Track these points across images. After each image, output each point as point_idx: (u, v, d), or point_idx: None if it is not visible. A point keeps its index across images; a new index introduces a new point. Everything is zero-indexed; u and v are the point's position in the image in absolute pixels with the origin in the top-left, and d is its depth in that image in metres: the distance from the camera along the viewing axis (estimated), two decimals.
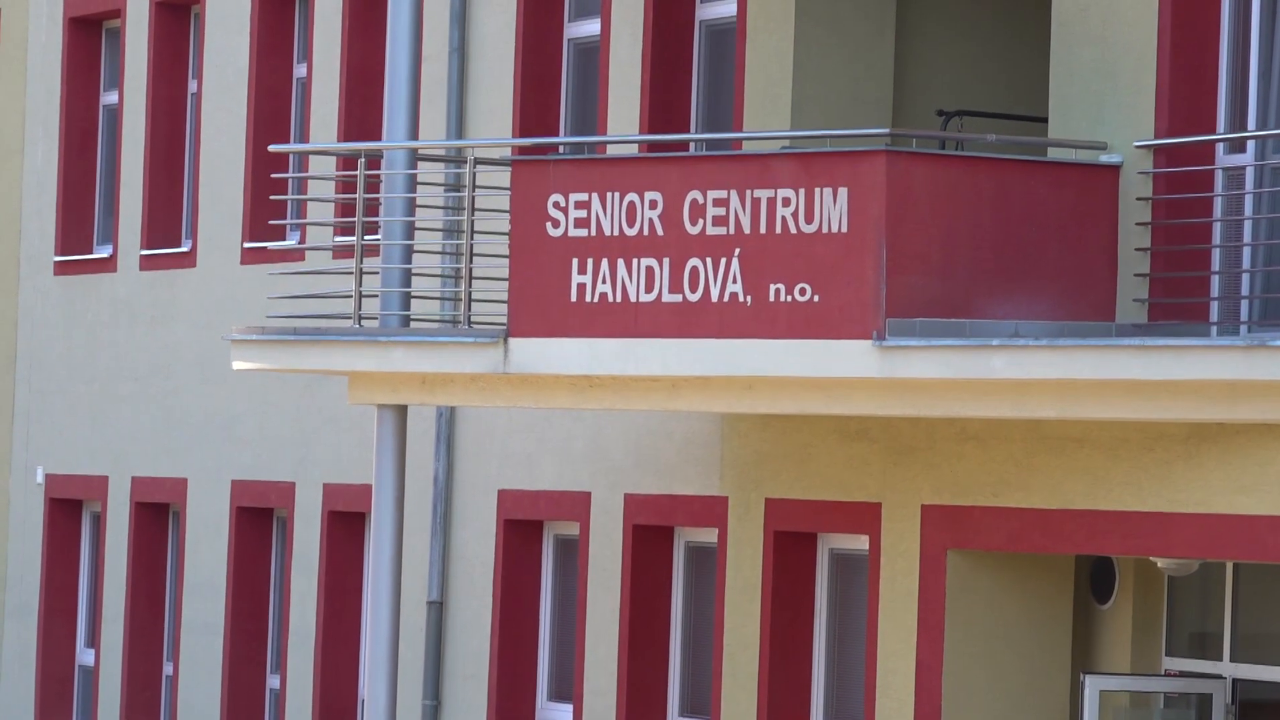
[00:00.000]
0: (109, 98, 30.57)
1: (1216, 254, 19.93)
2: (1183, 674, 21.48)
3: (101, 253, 30.40)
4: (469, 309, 22.52)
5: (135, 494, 29.70)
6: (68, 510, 31.01)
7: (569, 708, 24.98)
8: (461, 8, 25.87)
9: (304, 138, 27.55)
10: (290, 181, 25.58)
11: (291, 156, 25.37)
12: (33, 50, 31.43)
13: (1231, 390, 19.09)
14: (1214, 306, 19.95)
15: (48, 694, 30.90)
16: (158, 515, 29.63)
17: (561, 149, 23.58)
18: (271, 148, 26.74)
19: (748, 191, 20.40)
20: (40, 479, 31.01)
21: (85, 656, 30.83)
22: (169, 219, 29.48)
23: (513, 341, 21.51)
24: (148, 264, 29.54)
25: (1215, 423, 19.54)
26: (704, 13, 24.30)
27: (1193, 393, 19.28)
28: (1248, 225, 19.84)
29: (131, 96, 29.88)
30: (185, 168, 29.42)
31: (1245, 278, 19.88)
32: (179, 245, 29.22)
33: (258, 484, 28.03)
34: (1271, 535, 19.51)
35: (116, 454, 29.93)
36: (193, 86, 29.17)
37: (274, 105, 28.16)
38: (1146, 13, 20.31)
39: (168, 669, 29.45)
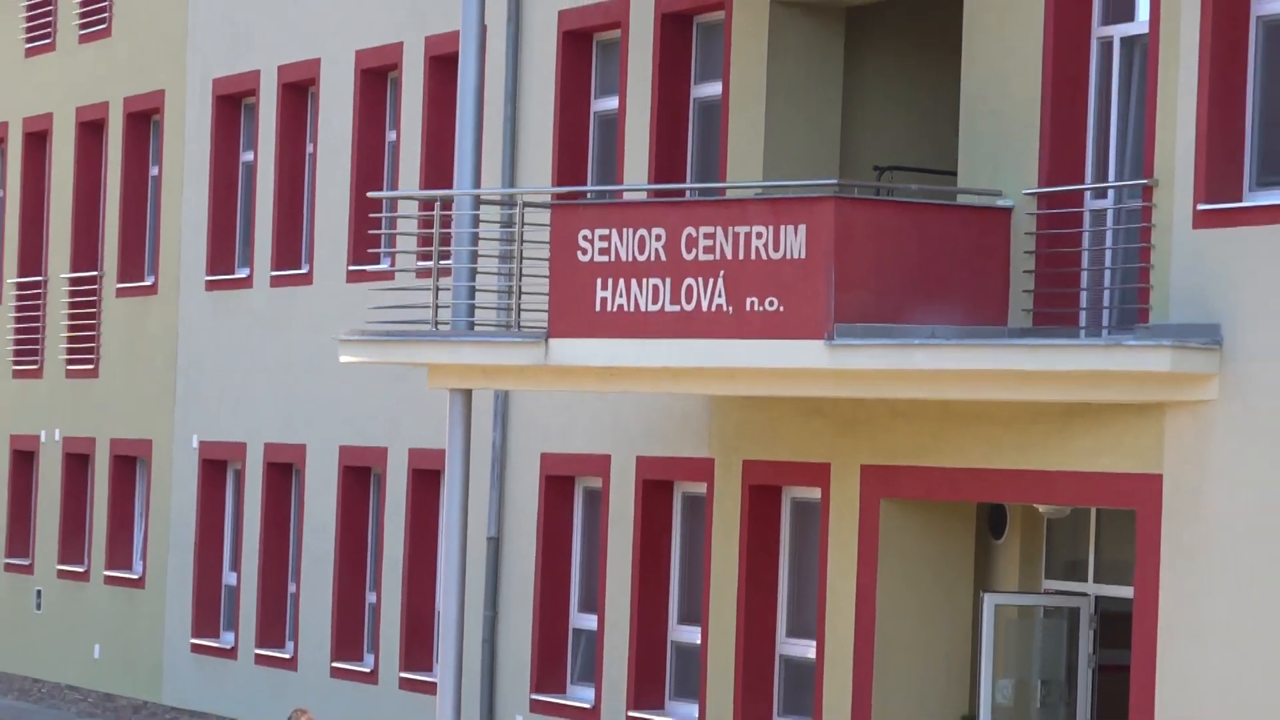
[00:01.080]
0: (246, 156, 30.50)
1: (1084, 276, 19.89)
2: (1058, 593, 21.43)
3: (240, 274, 30.36)
4: (519, 316, 22.49)
5: (266, 456, 29.66)
6: (215, 468, 30.97)
7: (594, 617, 24.92)
8: (513, 87, 25.81)
9: (394, 186, 27.48)
10: (383, 219, 25.51)
11: (384, 200, 25.33)
12: (189, 119, 31.37)
13: (1095, 378, 19.05)
14: (1082, 315, 19.91)
15: (201, 608, 30.87)
16: (283, 472, 29.58)
17: (589, 195, 23.47)
18: (370, 194, 26.76)
19: (729, 228, 20.35)
20: (195, 445, 30.95)
21: (229, 578, 30.76)
22: (291, 248, 29.42)
23: (552, 341, 21.47)
24: (275, 282, 29.50)
25: (1083, 403, 19.50)
26: (697, 93, 24.23)
27: (1066, 380, 19.23)
28: (1108, 254, 19.80)
29: (264, 155, 29.83)
30: (304, 209, 29.36)
31: (1105, 294, 19.83)
32: (299, 268, 29.17)
33: (359, 449, 27.97)
34: (1125, 487, 19.47)
35: (252, 426, 29.89)
36: (309, 148, 29.12)
37: (370, 161, 28.10)
38: (1031, 92, 20.25)
39: (291, 588, 29.40)
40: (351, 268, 27.91)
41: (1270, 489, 18.28)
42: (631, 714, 24.10)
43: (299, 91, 29.41)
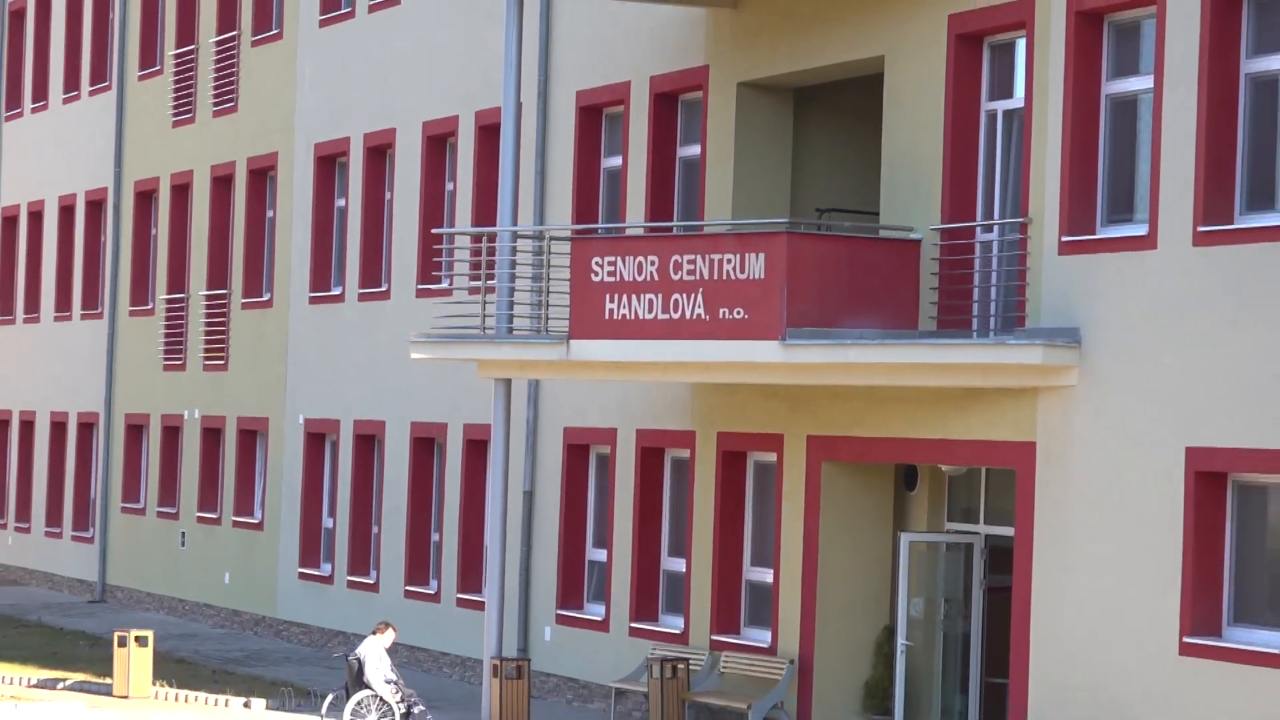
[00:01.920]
0: (339, 202, 30.49)
1: (976, 291, 19.89)
2: (957, 532, 21.44)
3: (335, 291, 30.36)
4: (546, 323, 22.51)
5: (355, 430, 29.66)
6: (316, 440, 30.98)
7: (604, 551, 24.92)
8: (542, 148, 25.81)
9: (451, 224, 27.50)
10: (443, 249, 25.52)
11: (444, 235, 25.35)
12: (296, 175, 31.35)
13: (984, 369, 19.07)
14: (974, 321, 19.91)
15: (305, 545, 30.85)
16: (367, 442, 29.59)
17: (599, 231, 23.49)
18: (433, 230, 26.82)
19: (707, 255, 20.34)
20: (301, 422, 30.97)
21: (327, 523, 30.76)
22: (373, 272, 29.40)
23: (572, 342, 21.47)
24: (362, 298, 29.47)
25: (975, 388, 19.52)
26: (682, 153, 24.22)
27: (962, 370, 19.25)
28: (994, 274, 19.80)
29: (353, 201, 29.81)
30: (383, 242, 29.34)
31: (992, 305, 19.83)
32: (379, 287, 29.17)
33: (425, 424, 27.98)
34: (1007, 452, 19.48)
35: (343, 407, 29.90)
36: (387, 195, 29.13)
37: (434, 205, 28.07)
38: (936, 151, 20.23)
39: (374, 530, 29.40)
40: (419, 286, 27.93)
41: (1117, 453, 18.32)
42: (633, 624, 24.09)
43: (379, 153, 29.43)
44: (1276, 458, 16.92)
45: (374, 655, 21.38)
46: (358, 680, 21.34)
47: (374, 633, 21.80)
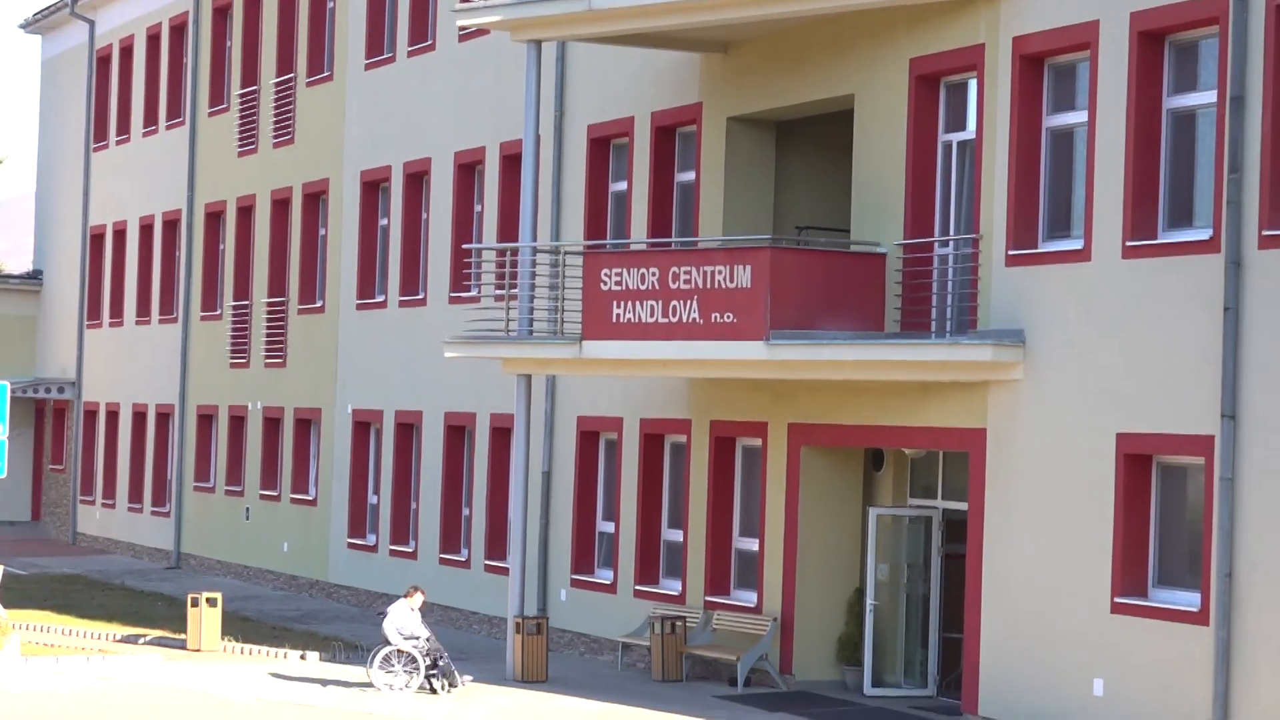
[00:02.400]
0: (382, 221, 30.44)
1: (934, 297, 19.91)
2: (918, 507, 21.46)
3: (379, 298, 30.33)
4: (562, 326, 22.51)
5: (396, 419, 29.64)
6: (363, 428, 30.94)
7: (612, 524, 24.90)
8: (558, 174, 25.80)
9: (479, 240, 27.47)
10: (473, 262, 25.52)
11: (474, 250, 25.35)
12: (345, 198, 31.34)
13: (941, 365, 19.09)
14: (933, 324, 19.93)
15: (353, 519, 30.81)
16: (407, 430, 29.57)
17: (607, 246, 23.49)
18: (464, 246, 26.84)
19: (700, 267, 20.36)
20: (349, 412, 30.96)
21: (372, 499, 30.72)
22: (412, 281, 29.40)
23: (584, 342, 21.48)
24: (402, 304, 29.46)
25: (934, 381, 19.53)
26: (679, 178, 24.19)
27: (922, 366, 19.26)
28: (950, 283, 19.80)
29: (394, 221, 29.72)
30: (420, 256, 29.31)
31: (948, 309, 19.83)
32: (417, 294, 29.18)
33: (457, 413, 27.97)
34: (961, 437, 19.48)
35: (386, 399, 29.88)
36: (424, 215, 29.08)
37: (464, 224, 27.99)
38: (899, 176, 20.22)
39: (413, 505, 29.38)
40: (452, 294, 27.92)
41: (1056, 438, 18.34)
42: (637, 587, 24.07)
43: (417, 179, 29.43)
44: (1193, 442, 16.96)
45: (396, 615, 21.27)
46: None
47: (405, 596, 21.74)
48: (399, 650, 21.08)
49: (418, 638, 21.15)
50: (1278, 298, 16.24)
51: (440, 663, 21.05)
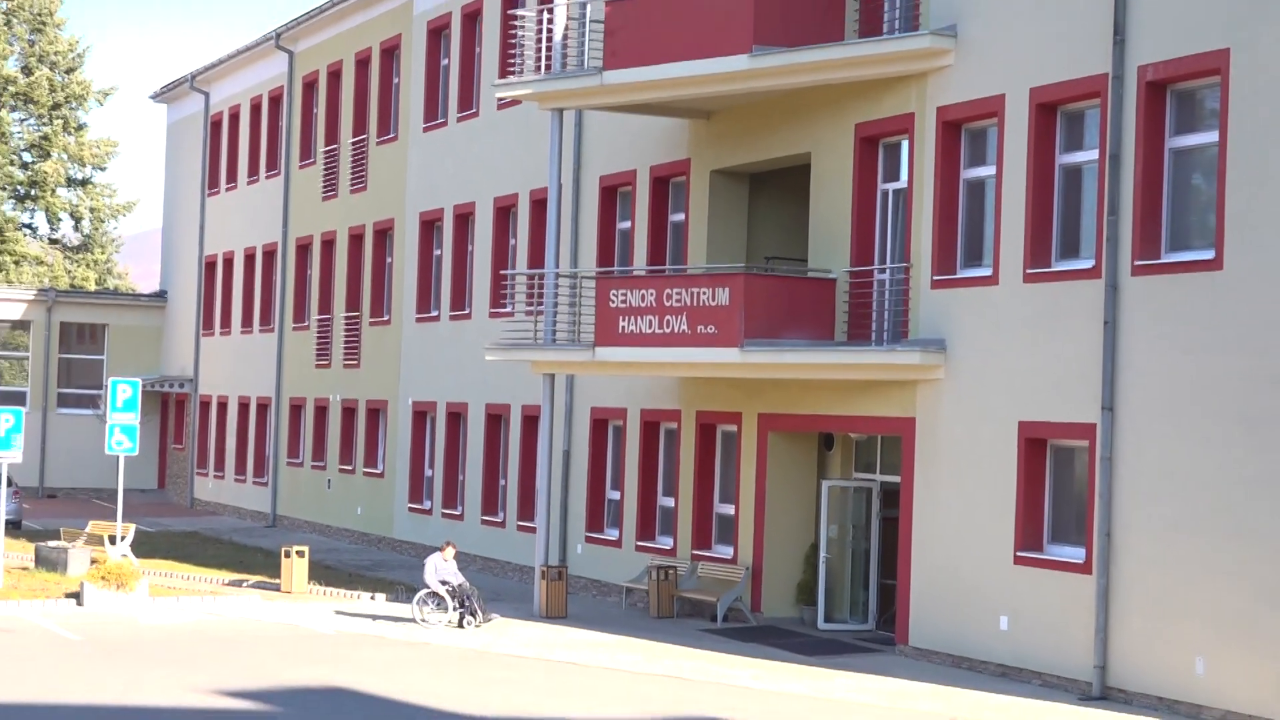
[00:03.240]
0: (437, 252, 30.36)
1: (874, 314, 19.86)
2: (861, 479, 21.40)
3: (434, 313, 30.22)
4: (579, 335, 22.50)
5: (447, 410, 29.60)
6: (420, 417, 30.86)
7: (618, 492, 24.85)
8: (575, 215, 25.77)
9: (514, 266, 27.42)
10: (508, 284, 25.48)
11: (510, 275, 25.29)
12: (407, 235, 31.35)
13: (880, 367, 19.04)
14: (873, 334, 19.89)
15: (413, 488, 30.77)
16: (456, 419, 29.47)
17: (615, 272, 23.47)
18: (501, 271, 26.82)
19: (689, 289, 20.29)
20: (409, 404, 30.93)
21: (428, 473, 30.67)
22: (460, 299, 29.33)
23: (597, 349, 21.44)
24: (452, 318, 29.36)
25: (874, 380, 19.49)
26: (672, 218, 24.16)
27: (865, 368, 19.21)
28: (886, 301, 19.75)
29: (446, 252, 29.71)
30: (466, 279, 29.25)
31: (886, 323, 19.80)
32: (464, 310, 29.14)
33: (495, 404, 27.90)
34: (895, 424, 19.43)
35: (439, 393, 29.83)
36: (470, 248, 28.96)
37: (501, 254, 27.95)
38: (846, 217, 20.20)
39: (460, 477, 29.31)
40: (491, 310, 27.90)
41: (970, 425, 18.30)
42: (638, 543, 24.02)
43: (464, 219, 29.41)
44: (1079, 429, 16.95)
45: (430, 564, 21.25)
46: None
47: (439, 549, 21.70)
48: (433, 593, 21.06)
49: (449, 583, 21.09)
50: (1146, 314, 16.25)
51: (469, 602, 20.94)
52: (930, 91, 18.90)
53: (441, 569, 21.15)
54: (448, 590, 20.97)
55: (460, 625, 20.78)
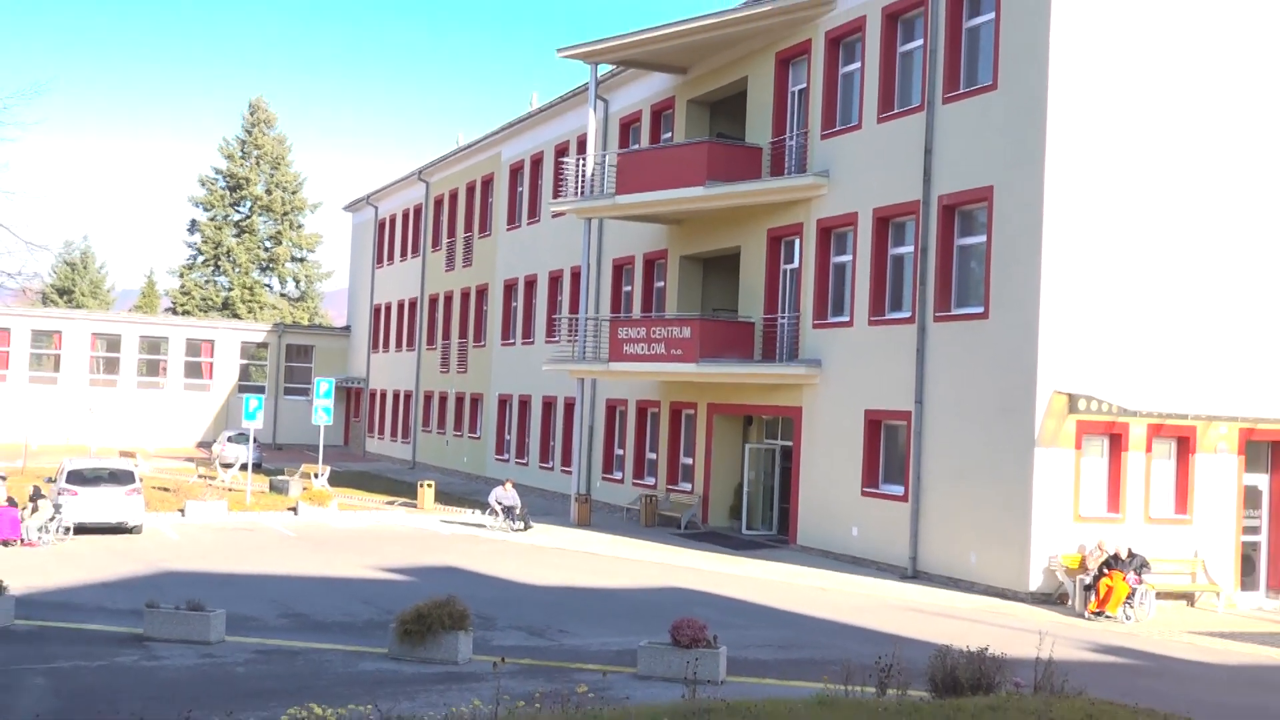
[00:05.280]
0: (514, 304, 30.16)
1: (778, 344, 19.74)
2: (769, 444, 20.99)
3: (511, 341, 29.96)
4: (600, 355, 22.34)
5: (518, 399, 29.14)
6: (503, 403, 30.38)
7: (622, 450, 24.66)
8: (597, 281, 25.70)
9: (560, 313, 27.31)
10: (558, 325, 25.33)
11: (559, 319, 25.14)
12: (495, 295, 31.12)
13: (781, 375, 18.85)
14: (777, 356, 19.73)
15: (498, 444, 30.38)
16: (525, 404, 28.81)
17: (622, 316, 23.37)
18: (553, 316, 26.70)
19: (665, 327, 20.15)
20: (496, 395, 30.68)
21: (507, 436, 30.35)
22: (527, 333, 29.14)
23: (610, 363, 21.31)
24: (523, 344, 29.14)
25: (778, 384, 19.38)
26: (656, 285, 24.06)
27: (773, 376, 19.03)
28: (785, 337, 19.61)
29: (520, 306, 29.57)
30: (532, 323, 29.08)
31: (785, 349, 19.65)
32: (530, 340, 28.54)
33: (548, 396, 27.45)
34: (790, 411, 19.28)
35: (515, 388, 29.29)
36: (534, 301, 28.74)
37: (553, 304, 27.87)
38: (759, 283, 20.11)
39: (526, 439, 28.85)
40: (547, 339, 27.72)
41: (835, 411, 18.13)
42: (634, 481, 23.84)
43: (531, 283, 29.25)
44: (902, 414, 16.88)
45: (494, 493, 21.23)
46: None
47: (501, 484, 21.64)
48: (493, 510, 21.04)
49: (503, 503, 21.11)
50: (942, 346, 16.24)
51: (518, 514, 20.92)
52: (813, 209, 18.91)
53: (500, 495, 21.16)
54: (503, 509, 20.98)
55: (519, 530, 20.70)
